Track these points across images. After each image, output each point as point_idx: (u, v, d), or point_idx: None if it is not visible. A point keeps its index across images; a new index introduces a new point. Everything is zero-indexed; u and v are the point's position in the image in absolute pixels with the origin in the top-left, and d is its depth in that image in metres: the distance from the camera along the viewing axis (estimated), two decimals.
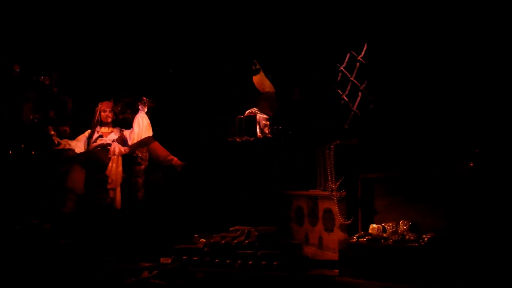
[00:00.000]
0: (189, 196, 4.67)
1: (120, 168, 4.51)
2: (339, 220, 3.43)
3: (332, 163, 3.44)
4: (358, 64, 4.03)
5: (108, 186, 4.43)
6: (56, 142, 4.55)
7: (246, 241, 3.10)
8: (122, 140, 4.76)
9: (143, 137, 4.72)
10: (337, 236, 3.46)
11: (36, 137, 4.64)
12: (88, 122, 4.99)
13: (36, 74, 4.77)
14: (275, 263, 2.95)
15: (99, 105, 4.89)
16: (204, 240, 3.23)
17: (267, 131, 4.37)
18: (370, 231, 3.23)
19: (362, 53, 4.04)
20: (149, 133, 4.75)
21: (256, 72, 4.55)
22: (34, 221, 4.07)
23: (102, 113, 4.84)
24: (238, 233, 3.26)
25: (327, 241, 3.57)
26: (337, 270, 3.17)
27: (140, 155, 4.51)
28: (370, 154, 3.38)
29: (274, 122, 4.36)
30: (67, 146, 4.63)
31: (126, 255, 3.73)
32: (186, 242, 3.47)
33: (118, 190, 4.45)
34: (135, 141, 4.72)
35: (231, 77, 5.15)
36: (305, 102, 4.33)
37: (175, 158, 4.61)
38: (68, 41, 5.12)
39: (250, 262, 2.98)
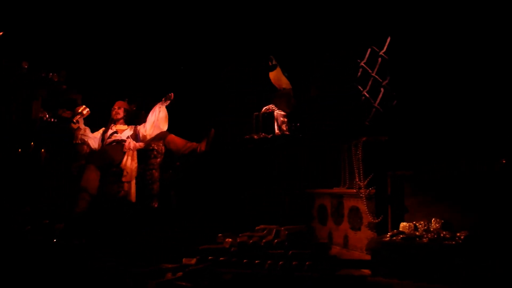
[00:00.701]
0: (203, 195, 4.57)
1: (135, 162, 4.45)
2: (367, 218, 3.33)
3: (360, 160, 3.35)
4: (380, 59, 3.97)
5: (123, 179, 4.35)
6: (75, 121, 4.44)
7: (276, 241, 2.98)
8: (136, 137, 4.69)
9: (160, 126, 4.63)
10: (364, 235, 3.36)
11: (47, 135, 4.50)
12: (97, 119, 4.89)
13: (44, 71, 4.64)
14: (307, 263, 2.84)
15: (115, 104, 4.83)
16: (230, 239, 3.10)
17: (284, 128, 4.26)
18: (401, 229, 3.15)
19: (385, 48, 3.96)
20: (165, 124, 4.68)
21: (273, 68, 4.43)
22: (45, 221, 3.93)
23: (113, 111, 4.77)
24: (265, 232, 3.14)
25: (354, 240, 3.46)
26: (365, 270, 3.09)
27: (156, 148, 4.42)
28: (399, 151, 3.29)
29: (292, 119, 4.26)
30: (84, 134, 4.50)
31: (144, 256, 3.59)
32: (208, 242, 3.34)
33: (133, 183, 4.37)
34: (149, 127, 4.63)
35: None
36: (323, 99, 4.25)
37: (194, 143, 4.55)
38: (77, 38, 4.99)
39: (280, 263, 2.87)
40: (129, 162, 4.40)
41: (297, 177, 4.00)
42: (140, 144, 4.58)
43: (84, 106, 4.68)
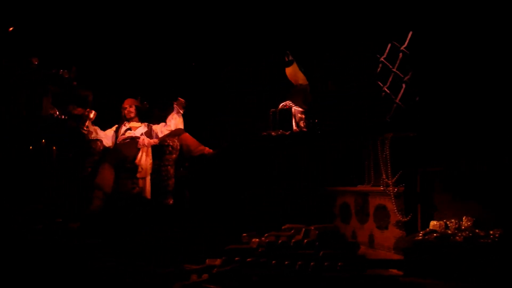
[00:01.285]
0: (214, 195, 4.47)
1: (150, 158, 4.35)
2: (395, 217, 3.24)
3: (387, 157, 3.26)
4: (401, 54, 3.89)
5: (138, 175, 4.25)
6: (85, 128, 4.32)
7: (306, 240, 2.88)
8: (150, 134, 4.60)
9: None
10: (392, 234, 3.28)
11: (57, 133, 4.38)
12: (109, 117, 4.79)
13: (55, 67, 4.52)
14: (339, 263, 2.75)
15: (124, 103, 4.71)
16: (257, 239, 2.99)
17: (302, 125, 4.16)
18: (431, 228, 3.07)
19: (406, 43, 3.88)
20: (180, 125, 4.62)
21: (289, 63, 4.33)
22: (58, 219, 3.80)
23: (124, 110, 4.68)
24: (292, 231, 3.03)
25: (380, 239, 3.38)
26: (393, 270, 3.01)
27: (171, 144, 4.32)
28: (429, 147, 3.21)
29: (310, 116, 4.16)
30: (96, 135, 4.40)
31: (163, 257, 3.47)
32: (227, 242, 3.23)
33: (148, 179, 4.27)
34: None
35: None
36: (342, 95, 4.16)
37: (206, 148, 4.46)
38: (86, 35, 4.87)
39: (312, 263, 2.77)
40: (144, 158, 4.30)
41: (316, 174, 3.90)
42: (154, 140, 4.47)
43: (88, 109, 4.53)
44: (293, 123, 4.11)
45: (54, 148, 4.34)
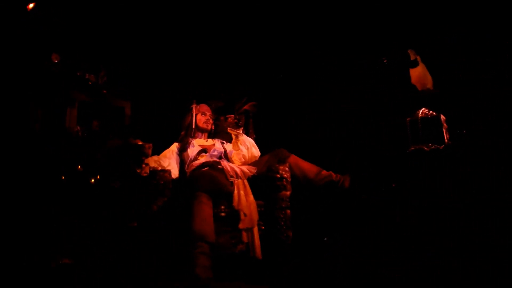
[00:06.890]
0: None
1: (252, 197, 2.84)
2: None
3: None
4: None
5: (241, 226, 2.71)
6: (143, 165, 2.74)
7: None
8: (228, 158, 3.20)
9: (248, 155, 3.25)
10: None
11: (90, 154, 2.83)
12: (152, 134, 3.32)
13: (79, 70, 3.07)
14: None
15: (194, 108, 3.28)
16: None
17: (447, 136, 3.28)
18: None
19: None
20: (255, 151, 3.32)
21: (414, 64, 3.49)
22: None
23: (201, 117, 3.24)
24: None
25: None
26: None
27: (284, 175, 2.91)
28: None
29: (455, 125, 3.31)
30: (160, 167, 2.87)
31: None
32: None
33: (256, 230, 2.75)
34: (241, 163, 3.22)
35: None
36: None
37: (333, 173, 3.13)
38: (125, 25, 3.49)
39: None
40: (243, 198, 2.77)
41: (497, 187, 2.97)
42: (250, 169, 3.00)
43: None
44: (444, 135, 3.21)
45: (98, 177, 2.77)
